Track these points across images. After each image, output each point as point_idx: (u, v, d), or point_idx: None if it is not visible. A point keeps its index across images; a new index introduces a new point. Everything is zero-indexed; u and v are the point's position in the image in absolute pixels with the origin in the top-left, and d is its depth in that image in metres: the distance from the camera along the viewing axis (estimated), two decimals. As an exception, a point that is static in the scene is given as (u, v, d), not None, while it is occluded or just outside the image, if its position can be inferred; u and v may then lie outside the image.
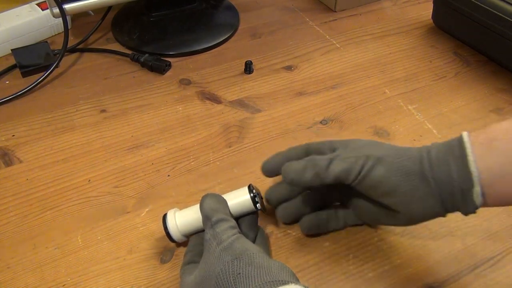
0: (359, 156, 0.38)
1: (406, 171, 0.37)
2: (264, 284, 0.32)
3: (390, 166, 0.37)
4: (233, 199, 0.43)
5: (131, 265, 0.44)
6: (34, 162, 0.54)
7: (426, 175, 0.36)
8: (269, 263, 0.35)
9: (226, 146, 0.56)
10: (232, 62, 0.69)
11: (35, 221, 0.48)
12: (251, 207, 0.43)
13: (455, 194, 0.36)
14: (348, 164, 0.38)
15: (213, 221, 0.39)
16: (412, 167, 0.36)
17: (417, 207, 0.37)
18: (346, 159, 0.38)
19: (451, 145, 0.36)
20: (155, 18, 0.76)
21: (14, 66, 0.67)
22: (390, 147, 0.39)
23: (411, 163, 0.37)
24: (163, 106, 0.62)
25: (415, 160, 0.37)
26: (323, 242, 0.46)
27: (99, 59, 0.70)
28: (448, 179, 0.35)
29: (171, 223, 0.43)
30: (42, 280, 0.43)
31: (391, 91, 0.64)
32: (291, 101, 0.63)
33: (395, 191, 0.37)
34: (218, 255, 0.36)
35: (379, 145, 0.40)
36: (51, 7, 0.62)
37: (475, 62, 0.70)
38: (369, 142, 0.41)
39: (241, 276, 0.33)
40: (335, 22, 0.79)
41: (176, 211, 0.44)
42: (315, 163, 0.39)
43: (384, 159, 0.37)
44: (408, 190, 0.37)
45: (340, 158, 0.38)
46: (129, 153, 0.55)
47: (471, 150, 0.35)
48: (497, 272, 0.43)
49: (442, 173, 0.36)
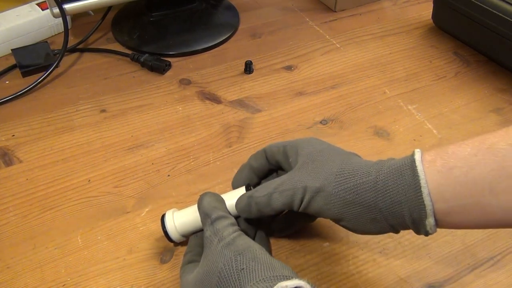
0: (296, 189, 0.37)
1: (346, 203, 0.35)
2: (268, 279, 0.32)
3: (329, 198, 0.36)
4: (231, 198, 0.43)
5: (131, 265, 0.44)
6: (34, 162, 0.54)
7: (370, 205, 0.34)
8: (272, 261, 0.35)
9: (226, 146, 0.56)
10: (232, 62, 0.69)
11: (35, 221, 0.48)
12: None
13: (406, 223, 0.34)
14: (286, 198, 0.38)
15: (213, 218, 0.39)
16: (352, 199, 0.35)
17: (367, 228, 0.36)
18: (283, 193, 0.38)
19: (402, 171, 0.33)
20: (155, 18, 0.76)
21: (14, 66, 0.67)
22: (336, 169, 0.36)
23: (352, 195, 0.35)
24: (163, 106, 0.62)
25: (358, 190, 0.34)
26: (323, 242, 0.46)
27: (99, 59, 0.70)
28: (398, 210, 0.33)
29: (169, 224, 0.43)
30: (42, 280, 0.43)
31: (391, 91, 0.64)
32: (291, 101, 0.63)
33: (339, 218, 0.36)
34: (220, 251, 0.36)
35: (326, 163, 0.37)
36: (51, 7, 0.62)
37: (475, 62, 0.70)
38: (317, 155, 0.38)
39: (244, 271, 0.33)
40: (335, 22, 0.79)
41: (175, 211, 0.44)
42: (255, 201, 0.39)
43: (322, 190, 0.36)
44: (353, 218, 0.36)
45: (278, 191, 0.38)
46: (129, 153, 0.55)
47: (425, 181, 0.32)
48: (497, 272, 0.43)
49: (389, 205, 0.33)
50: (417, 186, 0.32)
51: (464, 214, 0.32)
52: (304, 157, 0.39)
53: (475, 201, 0.30)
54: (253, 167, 0.44)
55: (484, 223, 0.32)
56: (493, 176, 0.30)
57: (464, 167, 0.30)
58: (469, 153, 0.31)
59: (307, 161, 0.38)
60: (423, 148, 0.55)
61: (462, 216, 0.32)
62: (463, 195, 0.31)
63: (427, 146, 0.56)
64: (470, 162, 0.30)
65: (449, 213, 0.32)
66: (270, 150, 0.43)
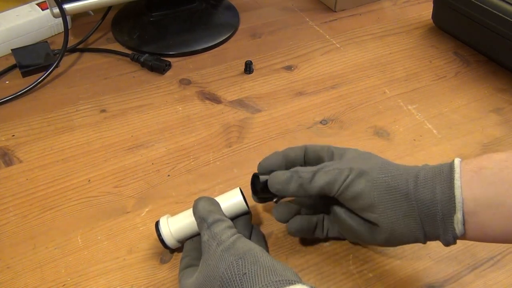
0: (343, 169, 0.38)
1: (387, 187, 0.37)
2: (272, 283, 0.32)
3: (372, 181, 0.37)
4: (225, 201, 0.43)
5: (131, 265, 0.44)
6: (34, 162, 0.54)
7: (409, 193, 0.36)
8: (273, 263, 0.34)
9: (226, 146, 0.56)
10: (232, 62, 0.69)
11: (35, 221, 0.48)
12: (243, 208, 0.43)
13: (436, 218, 0.35)
14: (331, 176, 0.38)
15: (209, 222, 0.38)
16: (394, 184, 0.36)
17: (397, 224, 0.37)
18: (329, 172, 0.38)
19: (441, 169, 0.36)
20: (155, 18, 0.76)
21: (14, 66, 0.67)
22: (381, 162, 0.39)
23: (395, 180, 0.37)
24: (163, 106, 0.62)
25: (400, 178, 0.37)
26: (323, 242, 0.46)
27: (99, 59, 0.70)
28: (431, 201, 0.35)
29: (164, 230, 0.43)
30: (42, 280, 0.43)
31: (391, 91, 0.64)
32: (291, 101, 0.63)
33: (375, 205, 0.37)
34: (220, 255, 0.36)
35: (371, 159, 0.40)
36: (51, 7, 0.62)
37: (475, 62, 0.70)
38: (363, 155, 0.41)
39: (247, 276, 0.33)
40: (335, 22, 0.79)
41: (168, 217, 0.44)
42: (299, 175, 0.39)
43: (367, 173, 0.37)
44: (389, 207, 0.37)
45: (324, 170, 0.39)
46: (129, 153, 0.55)
47: (460, 175, 0.34)
48: (497, 272, 0.43)
49: (426, 194, 0.35)
50: (451, 179, 0.34)
51: (489, 215, 0.33)
52: (350, 154, 0.41)
53: (501, 201, 0.33)
54: (288, 156, 0.44)
55: (507, 230, 0.34)
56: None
57: (494, 169, 0.33)
58: (500, 158, 0.34)
59: (353, 156, 0.41)
60: (423, 147, 0.56)
61: (487, 217, 0.33)
62: (491, 194, 0.33)
63: (427, 146, 0.56)
64: (500, 165, 0.33)
65: (476, 212, 0.34)
66: (313, 147, 0.44)
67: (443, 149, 0.56)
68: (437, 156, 0.55)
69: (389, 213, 0.37)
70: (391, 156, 0.55)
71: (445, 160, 0.54)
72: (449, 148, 0.56)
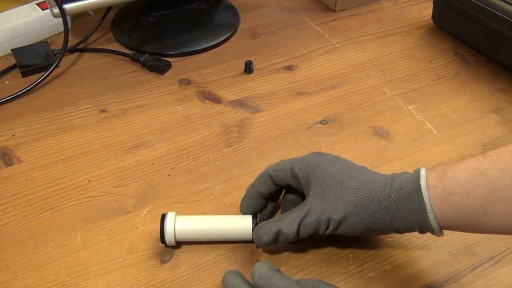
0: (321, 220, 0.40)
1: (367, 227, 0.40)
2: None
3: (352, 225, 0.40)
4: (237, 223, 0.44)
5: (131, 265, 0.44)
6: (34, 162, 0.54)
7: (387, 226, 0.39)
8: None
9: (226, 146, 0.56)
10: (232, 62, 0.69)
11: (35, 221, 0.48)
12: (249, 237, 0.44)
13: (414, 230, 0.39)
14: (312, 230, 0.41)
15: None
16: (372, 223, 0.39)
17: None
18: (309, 225, 0.40)
19: (411, 196, 0.37)
20: (155, 18, 0.76)
21: (14, 66, 0.67)
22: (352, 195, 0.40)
23: (372, 220, 0.39)
24: (163, 106, 0.62)
25: (376, 215, 0.39)
26: (323, 242, 0.46)
27: (99, 59, 0.70)
28: (409, 227, 0.39)
29: (169, 226, 0.43)
30: (42, 280, 0.43)
31: (391, 91, 0.64)
32: (291, 101, 0.63)
33: (363, 233, 0.41)
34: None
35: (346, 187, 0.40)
36: (51, 7, 0.62)
37: (475, 62, 0.70)
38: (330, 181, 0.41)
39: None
40: (335, 22, 0.79)
41: (176, 215, 0.44)
42: (286, 237, 0.41)
43: (345, 219, 0.40)
44: (375, 232, 0.41)
45: (303, 224, 0.40)
46: (129, 153, 0.55)
47: (430, 206, 0.36)
48: (497, 272, 0.43)
49: (404, 224, 0.38)
50: (424, 211, 0.36)
51: (464, 229, 0.37)
52: (318, 184, 0.41)
53: (472, 221, 0.36)
54: (261, 193, 0.45)
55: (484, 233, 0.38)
56: (486, 201, 0.34)
57: (461, 193, 0.35)
58: (465, 179, 0.35)
59: (324, 189, 0.41)
60: (423, 147, 0.56)
61: (463, 229, 0.38)
62: (462, 217, 0.36)
63: (427, 146, 0.56)
64: (466, 188, 0.35)
65: (452, 226, 0.37)
66: (277, 175, 0.44)
67: (443, 149, 0.56)
68: (437, 156, 0.55)
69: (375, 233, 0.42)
70: (391, 156, 0.55)
71: (445, 160, 0.54)
72: (449, 148, 0.56)
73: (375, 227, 0.39)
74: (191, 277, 0.43)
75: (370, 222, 0.39)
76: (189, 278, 0.43)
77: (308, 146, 0.56)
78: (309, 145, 0.56)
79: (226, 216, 0.45)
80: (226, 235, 0.44)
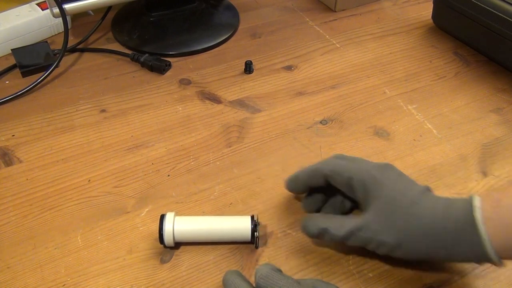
0: (375, 240, 0.40)
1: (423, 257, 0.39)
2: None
3: (406, 253, 0.39)
4: (234, 223, 0.44)
5: (131, 265, 0.44)
6: (34, 162, 0.54)
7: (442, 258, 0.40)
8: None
9: (226, 146, 0.56)
10: (232, 62, 0.69)
11: (35, 221, 0.48)
12: (248, 238, 0.44)
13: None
14: (362, 243, 0.41)
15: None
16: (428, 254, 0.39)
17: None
18: (360, 238, 0.40)
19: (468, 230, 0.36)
20: (155, 18, 0.76)
21: (14, 66, 0.67)
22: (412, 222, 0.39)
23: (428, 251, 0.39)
24: (163, 106, 0.62)
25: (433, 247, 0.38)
26: (323, 242, 0.46)
27: (99, 59, 0.70)
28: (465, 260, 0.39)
29: (167, 227, 0.43)
30: (42, 280, 0.43)
31: (391, 91, 0.64)
32: (291, 101, 0.63)
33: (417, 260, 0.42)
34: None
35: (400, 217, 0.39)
36: (51, 7, 0.62)
37: (475, 62, 0.70)
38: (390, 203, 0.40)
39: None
40: (335, 22, 0.79)
41: (175, 215, 0.44)
42: (332, 237, 0.42)
43: (400, 247, 0.39)
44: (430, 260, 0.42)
45: (355, 236, 0.41)
46: (129, 153, 0.55)
47: (489, 242, 0.35)
48: (497, 272, 0.43)
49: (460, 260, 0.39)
50: (482, 245, 0.36)
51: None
52: (377, 204, 0.41)
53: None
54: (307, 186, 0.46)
55: None
56: None
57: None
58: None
59: (382, 210, 0.40)
60: (423, 147, 0.56)
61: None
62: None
63: (427, 146, 0.56)
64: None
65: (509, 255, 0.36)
66: (334, 179, 0.44)
67: (443, 149, 0.56)
68: (437, 156, 0.55)
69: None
70: (391, 156, 0.55)
71: (445, 160, 0.54)
72: (449, 148, 0.56)
73: (431, 255, 0.39)
74: (191, 277, 0.43)
75: (425, 252, 0.39)
76: (189, 278, 0.43)
77: (308, 146, 0.56)
78: (309, 145, 0.56)
79: (225, 217, 0.45)
80: (225, 236, 0.44)
